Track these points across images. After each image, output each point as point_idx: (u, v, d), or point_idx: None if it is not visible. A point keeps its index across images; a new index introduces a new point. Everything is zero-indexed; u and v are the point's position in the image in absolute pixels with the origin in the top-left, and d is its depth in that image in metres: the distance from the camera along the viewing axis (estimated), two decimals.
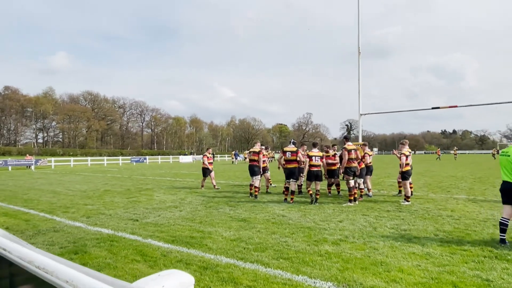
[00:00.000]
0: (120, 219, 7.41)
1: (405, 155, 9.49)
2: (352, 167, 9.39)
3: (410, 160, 9.60)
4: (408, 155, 9.56)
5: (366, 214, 7.64)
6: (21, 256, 1.43)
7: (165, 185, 14.88)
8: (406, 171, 9.39)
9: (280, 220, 7.05)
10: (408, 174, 9.40)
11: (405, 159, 9.42)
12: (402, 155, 9.51)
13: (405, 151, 9.60)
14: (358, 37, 12.97)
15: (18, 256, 1.45)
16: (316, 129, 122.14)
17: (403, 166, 9.37)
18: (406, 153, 9.54)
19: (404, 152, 9.54)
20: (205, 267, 4.21)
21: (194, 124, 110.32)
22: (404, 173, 9.40)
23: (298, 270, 4.10)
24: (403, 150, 9.67)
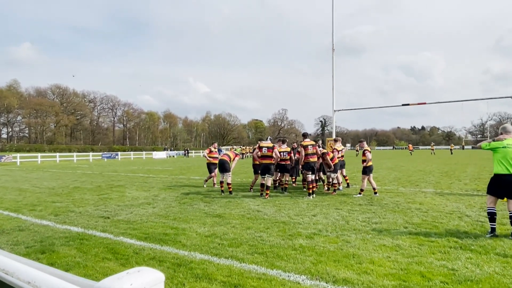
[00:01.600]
0: (91, 217, 7.19)
1: (369, 151, 9.86)
2: (310, 162, 9.65)
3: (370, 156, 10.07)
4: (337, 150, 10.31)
5: (339, 208, 7.80)
6: None
7: (138, 182, 14.56)
8: (369, 166, 9.76)
9: (255, 215, 7.08)
10: (370, 170, 9.79)
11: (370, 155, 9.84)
12: (366, 151, 9.85)
13: (367, 147, 10.00)
14: (332, 35, 13.17)
15: None
16: (291, 125, 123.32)
17: (368, 161, 9.71)
18: (338, 148, 10.06)
19: (368, 148, 9.92)
20: (178, 264, 4.16)
21: (168, 119, 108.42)
22: (366, 168, 9.76)
23: (272, 264, 4.13)
24: (365, 147, 10.05)
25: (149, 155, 51.92)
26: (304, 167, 9.81)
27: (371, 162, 9.84)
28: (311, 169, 9.64)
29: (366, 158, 9.72)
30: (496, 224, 5.39)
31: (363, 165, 9.79)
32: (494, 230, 5.35)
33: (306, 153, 9.69)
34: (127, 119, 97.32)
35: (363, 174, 9.79)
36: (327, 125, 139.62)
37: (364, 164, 9.77)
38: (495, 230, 5.36)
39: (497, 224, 5.63)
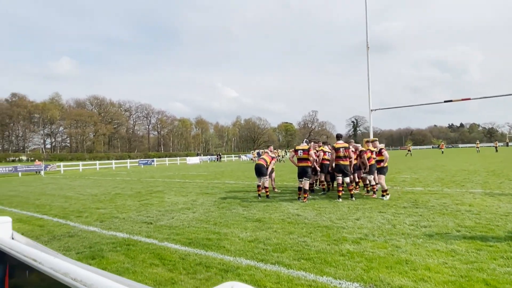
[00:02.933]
0: (134, 223, 7.37)
1: (370, 151, 9.71)
2: (340, 165, 9.46)
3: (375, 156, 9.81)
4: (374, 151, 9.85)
5: (383, 212, 7.50)
6: (54, 267, 1.35)
7: (175, 187, 14.85)
8: (386, 166, 9.54)
9: (295, 220, 6.95)
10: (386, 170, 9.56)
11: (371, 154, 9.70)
12: (383, 150, 9.58)
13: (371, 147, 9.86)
14: (366, 32, 12.78)
15: (51, 268, 1.37)
16: (322, 126, 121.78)
17: (386, 161, 9.44)
18: (371, 149, 9.83)
19: (370, 148, 9.79)
20: (225, 270, 4.13)
21: (199, 125, 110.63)
22: (384, 168, 9.49)
23: (321, 271, 3.99)
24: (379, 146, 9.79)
25: (183, 160, 53.06)
26: (335, 170, 9.65)
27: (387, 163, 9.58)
28: (341, 171, 9.45)
29: (384, 158, 9.41)
30: None
31: (380, 165, 9.48)
32: None
33: (337, 156, 9.50)
34: (161, 126, 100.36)
35: (380, 175, 9.46)
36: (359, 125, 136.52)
37: (381, 164, 9.46)
38: None
39: None
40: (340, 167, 9.50)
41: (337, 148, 9.53)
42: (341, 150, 9.50)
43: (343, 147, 9.53)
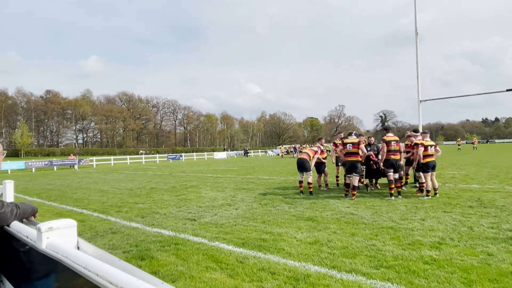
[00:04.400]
0: (177, 219, 6.99)
1: (423, 145, 8.66)
2: (391, 159, 8.71)
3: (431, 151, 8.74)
4: (428, 146, 8.71)
5: (448, 211, 6.73)
6: None
7: (209, 182, 14.51)
8: (426, 162, 8.60)
9: (352, 219, 6.33)
10: (428, 167, 8.55)
11: (423, 149, 8.64)
12: (421, 145, 8.67)
13: (425, 141, 8.84)
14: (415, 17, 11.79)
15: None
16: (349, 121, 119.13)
17: (421, 158, 8.61)
18: (425, 143, 8.71)
19: (423, 142, 8.73)
20: (295, 278, 3.60)
21: (225, 120, 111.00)
22: (424, 165, 8.62)
23: (410, 282, 3.38)
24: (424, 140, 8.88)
25: (210, 155, 53.18)
26: (385, 165, 8.90)
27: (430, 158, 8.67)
28: (392, 166, 8.70)
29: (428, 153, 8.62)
30: None
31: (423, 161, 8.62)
32: None
33: (389, 150, 8.76)
34: (187, 122, 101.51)
35: (423, 173, 8.62)
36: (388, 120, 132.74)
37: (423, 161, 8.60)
38: None
39: None
40: (390, 162, 8.76)
41: (388, 142, 8.81)
42: (392, 143, 8.77)
43: (395, 140, 8.79)
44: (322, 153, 10.25)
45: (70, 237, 1.56)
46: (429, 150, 8.55)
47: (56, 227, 1.51)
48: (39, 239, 1.49)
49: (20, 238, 1.68)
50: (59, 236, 1.52)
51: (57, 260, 1.38)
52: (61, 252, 1.41)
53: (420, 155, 8.53)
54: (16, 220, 1.94)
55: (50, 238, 1.49)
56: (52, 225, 1.51)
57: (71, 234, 1.57)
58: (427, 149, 8.52)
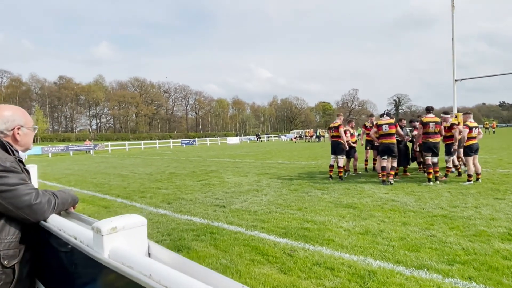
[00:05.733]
0: (205, 205, 6.61)
1: (468, 126, 7.94)
2: (429, 143, 8.10)
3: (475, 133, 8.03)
4: (473, 127, 7.99)
5: (501, 198, 6.16)
6: None
7: (229, 167, 14.13)
8: (470, 145, 7.92)
9: (396, 207, 5.83)
10: (471, 150, 7.89)
11: (468, 131, 7.92)
12: (465, 126, 7.97)
13: (469, 122, 8.08)
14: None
15: None
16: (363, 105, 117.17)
17: (464, 139, 7.89)
18: (470, 125, 7.97)
19: (468, 123, 8.00)
20: (359, 275, 3.15)
21: (236, 105, 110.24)
22: (466, 147, 7.94)
23: (499, 282, 2.89)
24: (467, 121, 8.15)
25: (223, 140, 52.89)
26: (423, 148, 8.31)
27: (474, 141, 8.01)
28: (429, 150, 8.10)
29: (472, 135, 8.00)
30: None
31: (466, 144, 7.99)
32: None
33: (426, 131, 8.14)
34: (199, 107, 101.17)
35: (466, 156, 8.00)
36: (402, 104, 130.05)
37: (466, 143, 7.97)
38: None
39: None
40: (428, 145, 8.16)
41: (426, 123, 8.18)
42: (431, 125, 8.14)
43: (434, 121, 8.16)
44: (352, 136, 9.68)
45: (139, 241, 1.11)
46: (473, 132, 7.90)
47: (122, 227, 1.06)
48: (98, 244, 1.04)
49: (65, 238, 1.25)
50: (126, 239, 1.07)
51: (122, 273, 0.94)
52: (128, 262, 0.97)
53: (464, 137, 7.90)
54: (54, 213, 1.51)
55: (114, 242, 1.04)
56: (116, 224, 1.06)
57: (140, 235, 1.12)
58: (472, 131, 7.88)
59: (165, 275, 0.88)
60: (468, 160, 7.85)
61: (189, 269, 1.00)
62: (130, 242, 1.08)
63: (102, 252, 1.03)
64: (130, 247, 1.07)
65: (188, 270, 0.99)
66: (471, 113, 8.64)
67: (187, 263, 1.04)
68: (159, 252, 1.14)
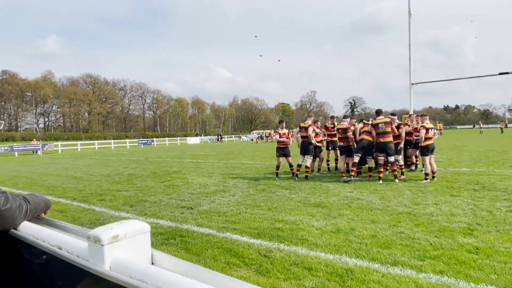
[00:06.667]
0: (171, 207, 6.36)
1: (425, 128, 8.43)
2: (380, 143, 8.58)
3: (431, 134, 8.55)
4: (429, 128, 8.51)
5: (456, 195, 6.56)
6: None
7: (192, 167, 13.81)
8: (427, 145, 8.41)
9: (362, 205, 5.99)
10: (428, 149, 8.40)
11: (425, 132, 8.39)
12: (422, 127, 8.45)
13: (426, 123, 8.59)
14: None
15: None
16: (321, 107, 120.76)
17: (423, 140, 8.39)
18: (426, 126, 8.49)
19: (425, 125, 8.50)
20: (337, 274, 3.15)
21: (196, 105, 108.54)
22: (424, 147, 8.43)
23: (467, 275, 3.04)
24: (424, 123, 8.64)
25: (183, 140, 51.77)
26: (376, 148, 8.74)
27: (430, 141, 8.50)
28: (383, 150, 8.56)
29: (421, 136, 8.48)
30: None
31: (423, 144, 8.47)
32: None
33: (377, 132, 8.57)
34: (156, 106, 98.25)
35: (423, 156, 8.50)
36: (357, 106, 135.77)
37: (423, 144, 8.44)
38: None
39: None
40: (380, 145, 8.58)
41: (375, 125, 8.60)
42: (380, 126, 8.54)
43: (383, 122, 8.56)
44: (317, 136, 9.86)
45: (143, 249, 0.98)
46: (429, 133, 8.37)
47: (124, 235, 0.92)
48: (97, 255, 0.89)
49: (45, 248, 1.07)
50: (128, 248, 0.93)
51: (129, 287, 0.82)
52: (135, 273, 0.84)
53: (422, 137, 8.34)
54: (26, 219, 1.31)
55: (115, 253, 0.90)
56: (118, 232, 0.91)
57: (143, 244, 0.98)
58: (428, 132, 8.34)
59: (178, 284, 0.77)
60: (425, 159, 8.30)
61: (200, 275, 0.89)
62: (133, 251, 0.94)
63: (102, 264, 0.88)
64: (134, 257, 0.93)
65: (199, 276, 0.88)
66: (427, 115, 9.16)
67: (196, 269, 0.93)
68: (164, 260, 1.01)
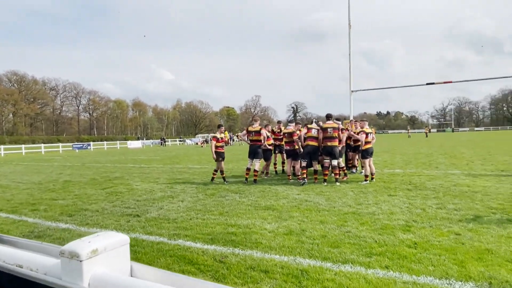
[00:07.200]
0: (116, 216, 6.02)
1: (365, 132, 9.10)
2: (327, 147, 8.91)
3: (371, 138, 9.24)
4: (369, 133, 9.19)
5: (393, 195, 7.10)
6: None
7: (135, 173, 13.20)
8: (366, 149, 9.05)
9: (310, 206, 6.21)
10: (368, 153, 9.05)
11: (365, 136, 9.05)
12: (362, 132, 9.14)
13: (365, 128, 9.28)
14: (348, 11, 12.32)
15: None
16: (265, 111, 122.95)
17: (363, 144, 9.05)
18: (366, 131, 9.17)
19: (365, 129, 9.19)
20: (293, 275, 3.23)
21: (137, 107, 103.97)
22: (364, 151, 9.07)
23: (410, 269, 3.30)
24: (363, 127, 9.33)
25: (124, 144, 49.27)
26: (323, 152, 9.12)
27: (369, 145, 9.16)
28: (329, 154, 8.94)
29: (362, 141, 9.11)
30: None
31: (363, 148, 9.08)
32: None
33: (325, 136, 8.94)
34: (93, 107, 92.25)
35: (362, 159, 9.11)
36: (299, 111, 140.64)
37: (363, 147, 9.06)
38: None
39: None
40: (327, 149, 8.95)
41: (325, 128, 8.95)
42: (329, 130, 8.93)
43: (332, 127, 8.96)
44: (268, 139, 10.04)
45: (122, 263, 0.92)
46: (369, 137, 8.96)
47: (103, 249, 0.86)
48: (73, 272, 0.82)
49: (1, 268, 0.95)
50: (107, 263, 0.87)
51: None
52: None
53: (363, 141, 8.89)
54: None
55: (94, 268, 0.83)
56: (97, 245, 0.85)
57: (123, 257, 0.92)
58: (368, 136, 8.92)
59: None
60: (365, 162, 8.87)
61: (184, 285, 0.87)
62: (112, 265, 0.88)
63: (79, 281, 0.82)
64: (114, 271, 0.87)
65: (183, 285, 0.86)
66: (367, 120, 9.82)
67: (177, 277, 0.90)
68: (144, 271, 0.96)
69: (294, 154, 9.60)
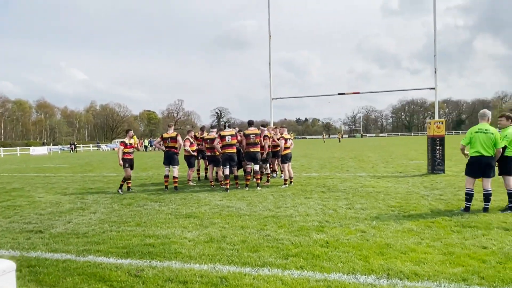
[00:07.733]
0: (13, 233, 5.31)
1: (284, 138, 9.58)
2: (251, 153, 9.09)
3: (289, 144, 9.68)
4: (288, 139, 9.68)
5: (309, 197, 7.55)
6: None
7: (39, 183, 11.83)
8: (285, 154, 9.50)
9: (232, 212, 6.27)
10: (287, 158, 9.50)
11: (284, 142, 9.52)
12: (281, 138, 9.62)
13: (285, 134, 9.80)
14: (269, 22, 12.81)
15: None
16: (188, 116, 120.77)
17: (282, 150, 9.51)
18: (285, 137, 9.66)
19: (284, 136, 9.69)
20: (213, 283, 3.20)
21: (42, 109, 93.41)
22: (283, 156, 9.50)
23: (322, 267, 3.53)
24: (283, 134, 9.83)
25: (25, 151, 43.72)
26: (245, 157, 9.31)
27: (288, 151, 9.59)
28: (252, 159, 9.16)
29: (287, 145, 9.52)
30: (471, 204, 5.80)
31: (282, 153, 9.50)
32: (469, 209, 5.77)
33: (248, 143, 9.15)
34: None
35: (282, 164, 9.51)
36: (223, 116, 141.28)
37: (283, 153, 9.48)
38: (469, 209, 5.77)
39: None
40: (250, 155, 9.12)
41: (247, 135, 9.11)
42: (251, 136, 9.10)
43: (254, 133, 9.17)
44: (192, 145, 9.85)
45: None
46: (288, 143, 9.38)
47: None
48: None
49: None
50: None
51: None
52: None
53: (282, 147, 9.27)
54: None
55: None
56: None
57: (9, 284, 0.81)
58: (287, 142, 9.34)
59: None
60: (284, 166, 9.27)
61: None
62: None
63: None
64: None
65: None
66: (286, 127, 10.29)
67: None
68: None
69: (215, 160, 9.58)
